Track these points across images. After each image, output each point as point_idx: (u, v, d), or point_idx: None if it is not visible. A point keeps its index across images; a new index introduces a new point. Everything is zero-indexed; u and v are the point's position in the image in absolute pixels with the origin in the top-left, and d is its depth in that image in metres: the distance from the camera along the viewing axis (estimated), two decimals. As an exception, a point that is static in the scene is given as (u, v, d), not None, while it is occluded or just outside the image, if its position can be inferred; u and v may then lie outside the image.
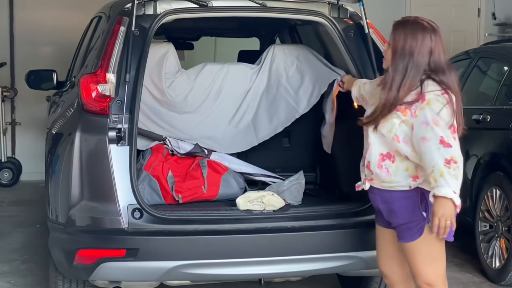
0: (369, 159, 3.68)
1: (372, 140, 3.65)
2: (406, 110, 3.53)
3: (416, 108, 3.51)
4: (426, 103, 3.49)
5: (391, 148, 3.60)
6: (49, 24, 9.48)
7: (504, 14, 10.87)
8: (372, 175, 3.69)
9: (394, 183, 3.63)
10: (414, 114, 3.51)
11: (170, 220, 4.02)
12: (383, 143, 3.62)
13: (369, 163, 3.68)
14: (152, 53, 4.49)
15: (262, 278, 4.24)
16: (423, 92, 3.50)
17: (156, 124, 4.88)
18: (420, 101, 3.50)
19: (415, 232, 3.61)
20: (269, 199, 4.21)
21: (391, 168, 3.62)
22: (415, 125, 3.49)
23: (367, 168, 3.70)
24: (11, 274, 5.75)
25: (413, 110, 3.51)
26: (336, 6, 4.55)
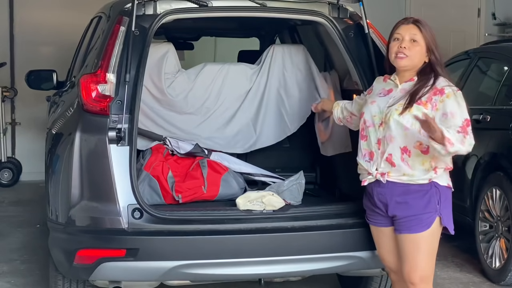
0: (391, 152, 3.74)
1: (394, 133, 3.74)
2: (427, 103, 3.72)
3: (436, 101, 3.71)
4: (446, 96, 3.71)
5: (412, 141, 3.71)
6: (49, 24, 9.48)
7: (504, 14, 10.87)
8: (392, 168, 3.75)
9: (415, 176, 3.73)
10: (435, 107, 3.70)
11: (170, 220, 4.02)
12: (404, 136, 3.72)
13: (391, 156, 3.74)
14: (152, 53, 4.49)
15: (262, 278, 4.23)
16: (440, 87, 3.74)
17: (156, 124, 4.88)
18: (439, 95, 3.72)
19: (424, 223, 3.72)
20: (269, 199, 4.21)
21: (410, 162, 3.72)
22: (436, 118, 3.64)
23: (386, 161, 3.76)
24: (11, 274, 5.75)
25: (434, 104, 3.71)
26: (336, 6, 4.55)
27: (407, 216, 3.74)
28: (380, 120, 3.82)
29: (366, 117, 3.89)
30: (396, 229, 3.82)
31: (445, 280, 5.75)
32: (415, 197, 3.74)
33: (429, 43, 3.83)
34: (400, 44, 3.82)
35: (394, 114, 3.76)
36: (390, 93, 3.89)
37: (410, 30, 3.83)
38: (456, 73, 6.97)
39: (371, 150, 3.83)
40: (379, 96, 3.92)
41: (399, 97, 3.84)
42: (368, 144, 3.85)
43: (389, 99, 3.86)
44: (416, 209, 3.73)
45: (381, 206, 3.84)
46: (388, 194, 3.79)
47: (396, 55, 3.83)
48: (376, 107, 3.87)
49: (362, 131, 3.91)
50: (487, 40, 10.00)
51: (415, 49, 3.81)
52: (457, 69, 7.02)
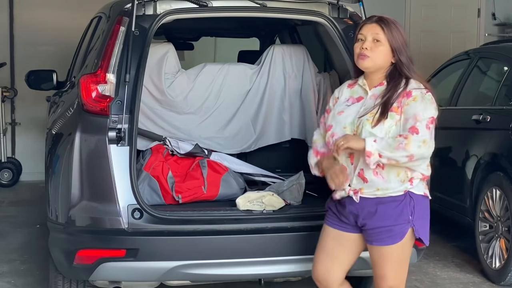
0: (362, 166, 3.50)
1: None
2: (398, 108, 3.49)
3: (403, 104, 3.49)
4: (413, 99, 3.49)
5: None
6: (49, 24, 9.48)
7: (504, 14, 10.87)
8: (364, 184, 3.52)
9: (389, 189, 3.51)
10: (401, 110, 3.48)
11: (170, 220, 4.02)
12: None
13: (363, 171, 3.50)
14: (152, 53, 4.49)
15: (262, 278, 4.23)
16: (408, 89, 3.51)
17: (156, 124, 4.89)
18: (406, 97, 3.50)
19: (396, 235, 3.53)
20: (269, 199, 4.21)
21: (384, 174, 3.49)
22: (402, 121, 3.47)
23: (359, 176, 3.52)
24: (11, 274, 5.74)
25: (401, 107, 3.49)
26: (336, 6, 4.55)
27: (378, 227, 3.53)
28: (352, 132, 3.54)
29: (335, 130, 3.59)
30: (367, 239, 3.61)
31: (445, 280, 5.75)
32: (387, 207, 3.51)
33: (394, 43, 3.56)
34: (362, 45, 3.57)
35: (366, 125, 3.49)
36: (360, 101, 3.62)
37: (373, 30, 3.58)
38: (456, 73, 6.98)
39: (342, 165, 3.56)
40: (347, 105, 3.64)
41: (371, 105, 3.55)
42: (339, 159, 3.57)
43: (360, 108, 3.58)
44: (388, 220, 3.51)
45: (350, 217, 3.61)
46: (360, 208, 3.55)
47: (358, 56, 3.59)
48: (346, 117, 3.59)
49: (328, 145, 3.64)
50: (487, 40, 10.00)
51: (378, 49, 3.55)
52: (457, 69, 7.02)
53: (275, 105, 5.03)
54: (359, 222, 3.58)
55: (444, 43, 10.55)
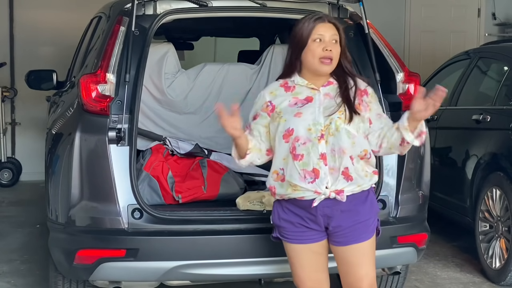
0: (347, 165, 3.41)
1: (346, 144, 3.41)
2: (360, 105, 3.48)
3: (366, 102, 3.50)
4: (371, 96, 3.55)
5: (359, 149, 3.44)
6: (49, 24, 9.48)
7: (504, 14, 10.87)
8: (348, 182, 3.42)
9: (363, 184, 3.46)
10: (367, 108, 3.50)
11: (170, 220, 4.02)
12: (351, 145, 3.43)
13: (348, 169, 3.41)
14: (152, 53, 4.49)
15: (262, 278, 4.24)
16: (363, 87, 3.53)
17: (156, 124, 4.89)
18: (366, 95, 3.52)
19: (371, 229, 3.50)
20: (269, 199, 4.21)
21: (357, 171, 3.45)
22: (372, 118, 3.50)
23: (343, 175, 3.40)
24: (11, 274, 5.74)
25: (365, 105, 3.50)
26: (336, 6, 4.55)
27: (354, 224, 3.44)
28: (319, 132, 3.40)
29: (298, 133, 3.41)
30: (339, 241, 3.48)
31: (445, 280, 5.75)
32: (358, 202, 3.45)
33: (345, 43, 3.50)
34: (326, 47, 3.42)
35: (341, 123, 3.42)
36: (311, 101, 3.48)
37: (331, 30, 3.45)
38: (456, 73, 6.98)
39: (314, 168, 3.39)
40: (299, 107, 3.47)
41: (331, 103, 3.47)
42: (305, 163, 3.39)
43: (316, 108, 3.45)
44: (362, 215, 3.46)
45: (321, 221, 3.47)
46: (334, 209, 3.44)
47: (322, 59, 3.43)
48: (306, 119, 3.42)
49: (293, 150, 3.41)
50: (487, 40, 10.00)
51: (337, 50, 3.46)
52: (457, 69, 7.02)
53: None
54: (331, 225, 3.46)
55: (444, 43, 10.55)
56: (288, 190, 3.46)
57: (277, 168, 3.50)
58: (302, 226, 3.51)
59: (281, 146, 3.47)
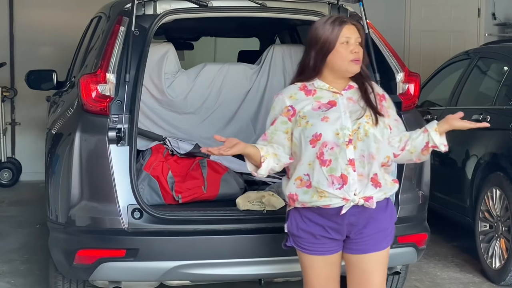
0: (376, 171, 3.34)
1: (373, 149, 3.34)
2: (380, 110, 3.43)
3: (385, 107, 3.47)
4: (389, 102, 3.52)
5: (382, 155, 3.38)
6: (49, 24, 9.47)
7: (504, 14, 10.87)
8: (376, 189, 3.35)
9: (387, 192, 3.42)
10: (387, 114, 3.45)
11: (170, 220, 4.02)
12: (377, 150, 3.36)
13: (377, 175, 3.34)
14: (152, 53, 4.49)
15: (262, 278, 4.23)
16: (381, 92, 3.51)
17: (156, 124, 4.89)
18: (384, 100, 3.49)
19: (389, 237, 3.46)
20: (269, 199, 4.21)
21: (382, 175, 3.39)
22: (391, 124, 3.46)
23: (371, 182, 3.33)
24: (11, 274, 5.74)
25: (385, 111, 3.45)
26: (336, 6, 4.55)
27: (375, 233, 3.39)
28: (347, 137, 3.31)
29: (326, 138, 3.30)
30: (357, 248, 3.41)
31: (445, 280, 5.75)
32: (380, 210, 3.39)
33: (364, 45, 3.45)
34: (354, 49, 3.36)
35: (370, 128, 3.35)
36: (336, 105, 3.38)
37: (355, 32, 3.40)
38: (456, 73, 6.98)
39: (342, 174, 3.28)
40: (324, 111, 3.37)
41: (356, 107, 3.40)
42: (333, 169, 3.28)
43: (344, 112, 3.36)
44: (383, 223, 3.41)
45: (344, 230, 3.38)
46: (359, 215, 3.36)
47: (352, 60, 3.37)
48: (334, 123, 3.33)
49: (321, 155, 3.30)
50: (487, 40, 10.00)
51: (361, 52, 3.41)
52: (457, 69, 7.02)
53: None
54: (353, 232, 3.39)
55: (444, 43, 10.55)
56: (313, 197, 3.33)
57: (301, 174, 3.36)
58: (322, 238, 3.40)
59: (307, 151, 3.34)
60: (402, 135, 3.47)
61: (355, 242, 3.41)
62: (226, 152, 3.30)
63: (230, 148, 3.30)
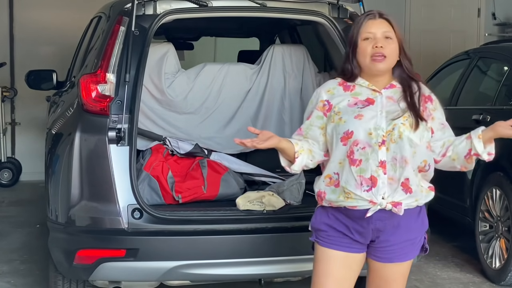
0: (408, 176, 3.14)
1: (407, 153, 3.14)
2: (423, 112, 3.22)
3: (430, 109, 3.25)
4: (436, 104, 3.30)
5: (419, 160, 3.19)
6: (49, 24, 9.47)
7: (504, 14, 10.87)
8: (407, 195, 3.16)
9: (420, 199, 3.23)
10: (431, 117, 3.25)
11: (170, 220, 4.02)
12: (413, 155, 3.17)
13: (408, 180, 3.15)
14: (152, 53, 4.49)
15: (262, 278, 4.23)
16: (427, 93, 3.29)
17: (156, 124, 4.89)
18: (430, 102, 3.27)
19: (417, 247, 3.28)
20: (269, 199, 4.21)
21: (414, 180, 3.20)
22: (434, 127, 3.26)
23: (402, 186, 3.14)
24: (11, 274, 5.74)
25: (429, 113, 3.24)
26: (336, 6, 4.55)
27: (402, 241, 3.21)
28: (380, 138, 3.14)
29: (358, 136, 3.15)
30: (384, 257, 3.23)
31: (445, 280, 5.75)
32: (410, 219, 3.21)
33: (401, 40, 3.23)
34: (376, 44, 3.17)
35: (405, 130, 3.16)
36: (373, 104, 3.22)
37: (382, 26, 3.20)
38: (456, 73, 6.98)
39: (371, 175, 3.13)
40: (360, 108, 3.21)
41: (394, 108, 3.21)
42: (363, 170, 3.13)
43: (378, 112, 3.19)
44: (412, 233, 3.24)
45: (370, 234, 3.20)
46: (387, 220, 3.18)
47: (373, 57, 3.18)
48: (368, 122, 3.16)
49: (351, 154, 3.15)
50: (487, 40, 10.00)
51: (391, 47, 3.19)
52: (457, 69, 7.02)
53: (275, 105, 5.03)
54: (380, 239, 3.21)
55: (444, 43, 10.55)
56: (340, 197, 3.17)
57: (330, 172, 3.22)
58: (345, 236, 3.22)
59: (338, 149, 3.19)
60: (445, 140, 3.27)
61: (381, 249, 3.23)
62: (259, 145, 3.14)
63: (264, 141, 3.15)
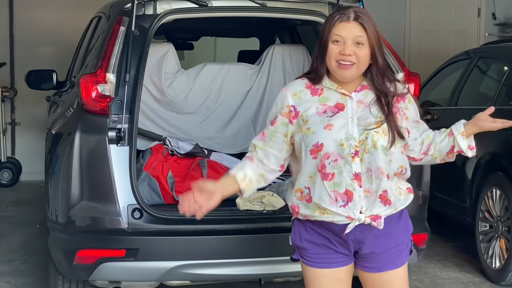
0: (386, 187, 2.95)
1: (382, 163, 2.94)
2: (396, 114, 2.99)
3: (402, 109, 3.03)
4: (408, 102, 3.06)
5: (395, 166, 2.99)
6: (49, 24, 9.47)
7: (504, 14, 10.87)
8: (385, 207, 2.97)
9: (399, 207, 3.03)
10: (404, 116, 3.03)
11: (170, 220, 4.02)
12: (388, 163, 2.96)
13: (386, 192, 2.95)
14: (152, 53, 4.49)
15: (262, 278, 4.23)
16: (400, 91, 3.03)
17: (156, 124, 4.89)
18: (402, 101, 3.03)
19: (405, 252, 3.09)
20: (269, 199, 4.21)
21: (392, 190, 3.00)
22: (409, 126, 3.04)
23: (380, 199, 2.95)
24: (11, 274, 5.74)
25: (402, 113, 3.01)
26: (336, 6, 4.55)
27: (389, 249, 3.02)
28: (353, 148, 2.91)
29: (329, 149, 2.90)
30: (372, 266, 3.05)
31: (445, 280, 5.75)
32: (392, 224, 3.01)
33: (375, 44, 2.94)
34: (343, 50, 2.89)
35: (379, 139, 2.93)
36: (343, 110, 2.96)
37: (354, 30, 2.92)
38: (456, 73, 6.97)
39: (346, 190, 2.91)
40: (329, 116, 2.95)
41: (366, 114, 2.96)
42: (337, 184, 2.91)
43: (351, 119, 2.94)
44: (396, 239, 3.03)
45: (351, 245, 3.01)
46: (366, 231, 2.98)
47: (339, 64, 2.91)
48: (338, 132, 2.92)
49: (323, 168, 2.92)
50: (487, 40, 10.00)
51: (362, 53, 2.91)
52: (457, 69, 7.02)
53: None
54: (362, 250, 3.02)
55: (444, 43, 10.55)
56: (315, 212, 2.97)
57: (301, 186, 3.00)
58: (328, 248, 3.03)
59: (308, 162, 2.96)
60: (424, 137, 3.08)
61: (368, 259, 3.05)
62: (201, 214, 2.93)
63: (207, 206, 2.93)
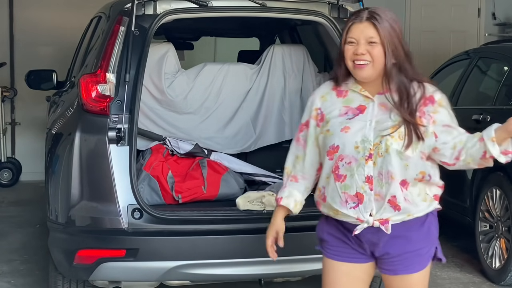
0: (394, 193, 2.91)
1: (395, 168, 2.90)
2: (421, 118, 2.93)
3: (430, 113, 2.94)
4: (438, 105, 2.97)
5: (414, 172, 2.94)
6: (49, 24, 9.47)
7: (504, 14, 10.87)
8: (394, 212, 2.94)
9: (415, 213, 2.98)
10: (431, 120, 2.94)
11: (170, 220, 4.02)
12: (404, 168, 2.92)
13: (395, 198, 2.92)
14: (152, 53, 4.49)
15: (262, 278, 4.23)
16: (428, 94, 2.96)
17: (156, 124, 4.89)
18: (430, 104, 2.96)
19: (425, 259, 3.04)
20: (269, 199, 4.21)
21: (409, 197, 2.95)
22: (437, 131, 2.94)
23: (389, 203, 2.93)
24: (11, 274, 5.74)
25: (428, 117, 2.94)
26: (336, 6, 4.55)
27: (405, 253, 2.99)
28: (367, 151, 2.91)
29: (344, 151, 2.93)
30: (387, 269, 3.04)
31: (445, 280, 5.75)
32: (413, 229, 2.99)
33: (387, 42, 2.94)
34: (356, 50, 2.93)
35: (393, 143, 2.90)
36: (364, 112, 2.97)
37: (365, 30, 2.94)
38: (456, 73, 6.98)
39: (357, 192, 2.93)
40: (348, 119, 2.97)
41: (385, 118, 2.95)
42: (348, 186, 2.94)
43: (370, 122, 2.95)
44: (416, 243, 3.00)
45: (366, 246, 3.03)
46: (380, 233, 2.98)
47: (354, 64, 2.95)
48: (355, 135, 2.93)
49: (336, 169, 2.96)
50: (487, 40, 10.00)
51: (374, 52, 2.92)
52: (457, 69, 7.02)
53: (275, 105, 5.03)
54: (377, 252, 3.02)
55: (444, 43, 10.55)
56: (330, 211, 3.05)
57: (320, 186, 3.09)
58: (344, 243, 3.06)
59: (326, 163, 3.01)
60: (456, 141, 2.95)
61: (384, 261, 3.05)
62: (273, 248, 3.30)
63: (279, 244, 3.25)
